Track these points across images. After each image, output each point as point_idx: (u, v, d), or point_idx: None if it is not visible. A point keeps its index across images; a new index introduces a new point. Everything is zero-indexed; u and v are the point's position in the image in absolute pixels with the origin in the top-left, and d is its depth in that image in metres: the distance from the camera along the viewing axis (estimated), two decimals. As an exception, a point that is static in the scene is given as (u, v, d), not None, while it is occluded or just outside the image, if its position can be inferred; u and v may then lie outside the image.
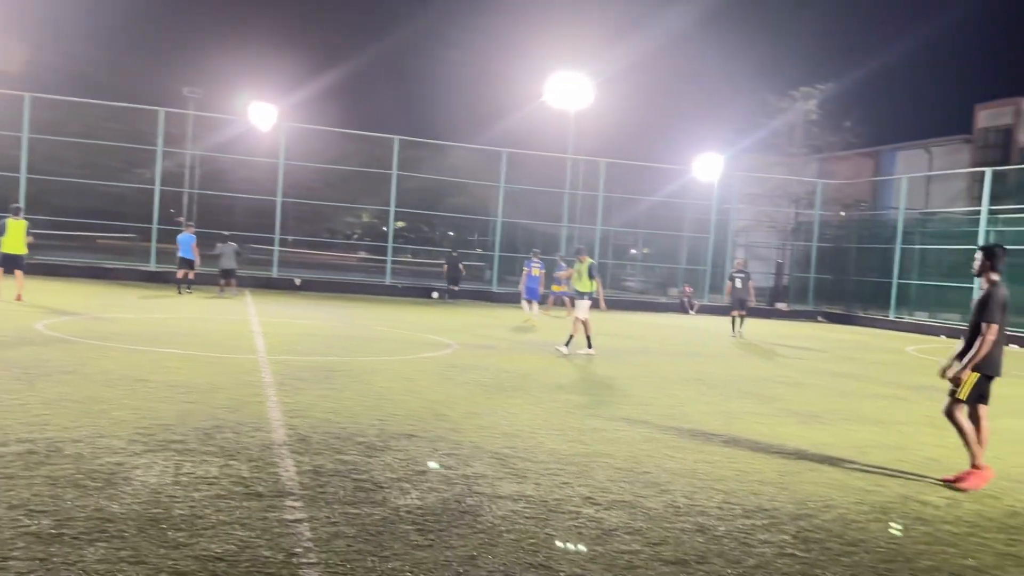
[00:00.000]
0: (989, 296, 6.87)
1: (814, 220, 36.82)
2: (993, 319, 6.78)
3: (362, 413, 8.02)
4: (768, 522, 5.49)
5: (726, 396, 10.96)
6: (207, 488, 5.29)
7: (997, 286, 6.93)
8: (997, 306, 6.82)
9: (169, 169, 35.69)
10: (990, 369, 6.88)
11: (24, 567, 3.91)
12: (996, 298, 6.84)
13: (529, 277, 22.10)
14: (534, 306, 21.91)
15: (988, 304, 6.83)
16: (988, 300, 6.86)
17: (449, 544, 4.66)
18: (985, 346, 6.76)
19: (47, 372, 8.98)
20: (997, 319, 6.79)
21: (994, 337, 6.77)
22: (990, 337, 6.76)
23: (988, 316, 6.80)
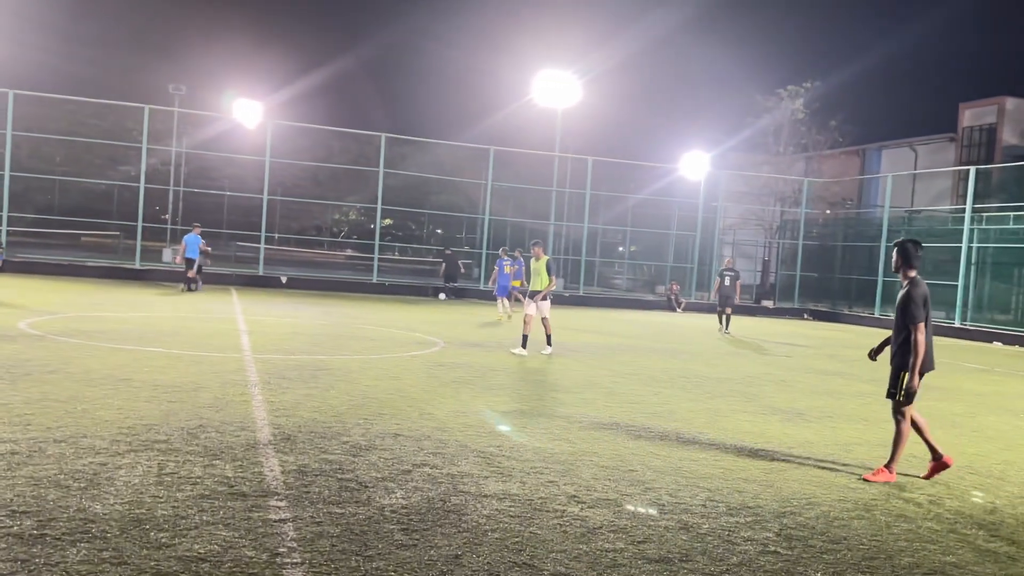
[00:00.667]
0: (909, 296, 6.82)
1: (800, 218, 37.01)
2: (916, 319, 6.73)
3: (347, 412, 8.01)
4: (752, 520, 5.52)
5: (712, 394, 11.00)
6: (191, 488, 5.28)
7: (915, 283, 6.87)
8: (919, 304, 6.78)
9: (154, 166, 35.50)
10: (926, 365, 6.86)
11: (6, 568, 3.89)
12: (916, 296, 6.78)
13: (501, 275, 22.32)
14: (506, 303, 22.06)
15: (909, 305, 6.79)
16: (908, 301, 6.80)
17: (434, 543, 4.66)
18: (919, 347, 6.71)
19: (29, 371, 8.92)
20: (921, 317, 6.74)
21: (923, 336, 6.72)
22: (920, 337, 6.71)
23: (912, 318, 6.75)
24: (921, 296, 6.81)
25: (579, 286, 34.84)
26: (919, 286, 6.86)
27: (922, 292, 6.84)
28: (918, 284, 6.88)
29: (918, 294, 6.80)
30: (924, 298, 6.83)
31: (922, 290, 6.85)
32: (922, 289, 6.86)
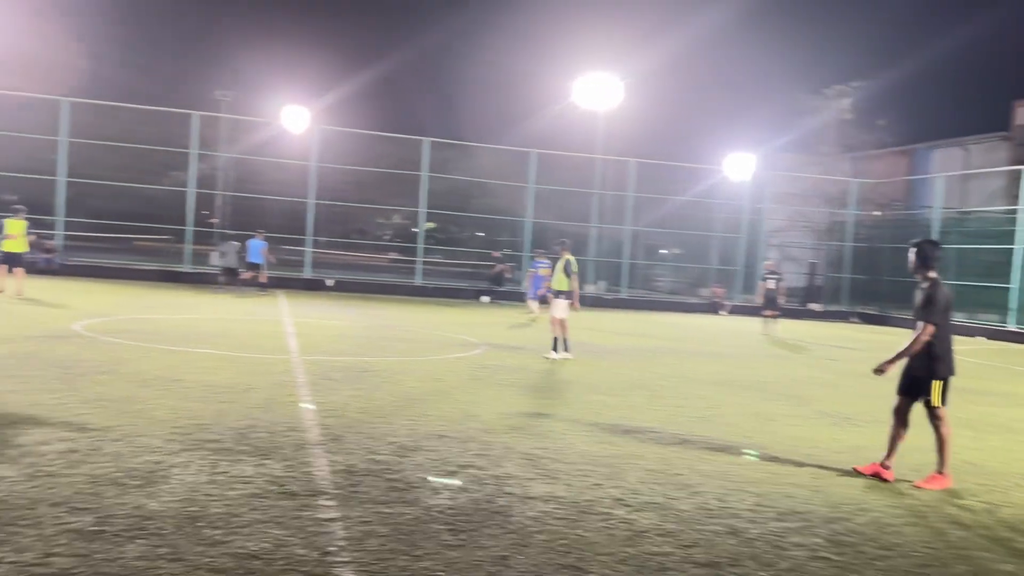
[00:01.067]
0: (931, 297, 6.69)
1: (848, 220, 36.43)
2: (932, 319, 6.59)
3: (393, 413, 8.08)
4: (801, 525, 5.46)
5: (758, 398, 10.89)
6: (242, 487, 5.37)
7: (937, 284, 6.74)
8: (939, 306, 6.63)
9: (203, 172, 36.13)
10: (949, 370, 6.74)
11: (67, 563, 4.00)
12: (938, 297, 6.65)
13: (535, 277, 22.25)
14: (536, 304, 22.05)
15: (932, 302, 6.66)
16: (929, 301, 6.67)
17: (480, 544, 4.69)
18: (917, 344, 6.62)
19: (85, 372, 9.15)
20: (935, 320, 6.60)
21: (928, 337, 6.60)
22: (923, 337, 6.61)
23: (928, 315, 6.62)
24: (943, 298, 6.68)
25: (621, 288, 34.69)
26: (942, 288, 6.74)
27: (944, 294, 6.72)
28: (940, 286, 6.76)
29: (941, 295, 6.69)
30: (946, 301, 6.72)
31: (944, 292, 6.73)
32: (944, 291, 6.74)
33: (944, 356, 6.71)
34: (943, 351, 6.70)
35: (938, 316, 6.62)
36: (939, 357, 6.69)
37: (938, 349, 6.67)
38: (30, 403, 7.35)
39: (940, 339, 6.67)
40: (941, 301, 6.65)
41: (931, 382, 6.72)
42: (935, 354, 6.66)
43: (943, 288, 6.74)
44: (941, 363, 6.69)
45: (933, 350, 6.66)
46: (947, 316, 6.74)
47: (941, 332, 6.66)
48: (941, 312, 6.65)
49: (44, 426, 6.55)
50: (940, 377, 6.69)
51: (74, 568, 3.95)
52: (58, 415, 6.97)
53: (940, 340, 6.67)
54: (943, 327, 6.68)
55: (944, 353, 6.71)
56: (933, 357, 6.67)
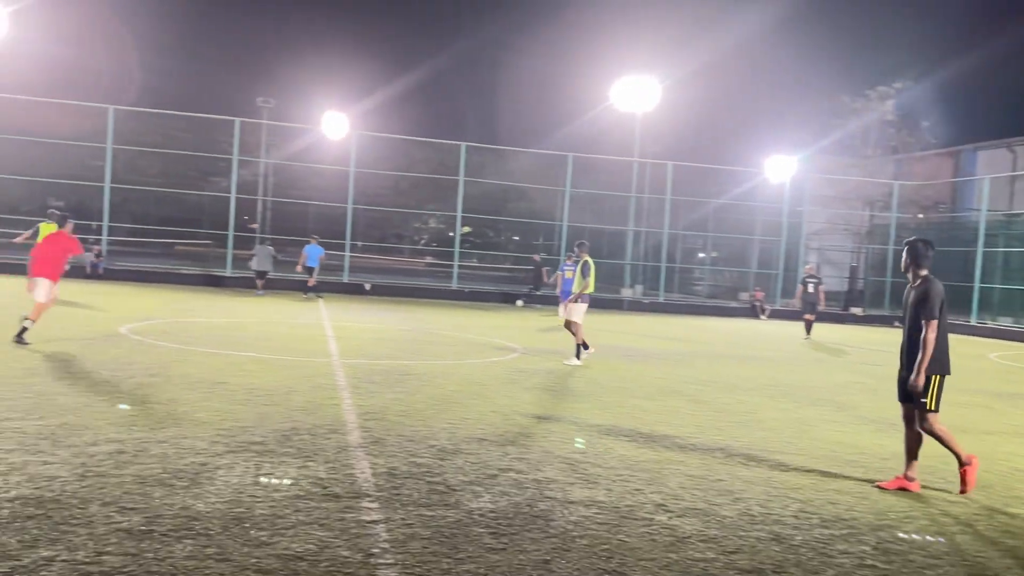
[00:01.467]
0: (925, 293, 6.55)
1: (891, 223, 35.86)
2: (933, 315, 6.47)
3: (433, 416, 8.12)
4: (847, 532, 5.38)
5: (800, 403, 10.76)
6: (286, 489, 5.44)
7: (931, 281, 6.62)
8: (935, 302, 6.49)
9: (243, 177, 36.63)
10: (944, 368, 6.58)
11: (118, 562, 4.08)
12: (932, 294, 6.51)
13: (564, 280, 21.95)
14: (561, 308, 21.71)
15: (925, 302, 6.51)
16: (924, 298, 6.53)
17: (522, 548, 4.69)
18: (929, 345, 6.45)
19: (132, 374, 9.32)
20: (936, 315, 6.48)
21: (934, 335, 6.45)
22: (931, 335, 6.44)
23: (928, 312, 6.48)
24: (938, 295, 6.53)
25: (659, 292, 34.49)
26: (935, 284, 6.59)
27: (938, 291, 6.55)
28: (934, 283, 6.61)
29: (935, 292, 6.53)
30: (941, 298, 6.55)
31: (938, 289, 6.57)
32: (938, 288, 6.58)
33: (939, 354, 6.53)
34: (938, 349, 6.52)
35: (936, 312, 6.49)
36: (942, 357, 6.54)
37: (939, 348, 6.51)
38: (79, 405, 7.51)
39: (941, 338, 6.52)
40: (936, 298, 6.51)
41: (929, 378, 6.56)
42: (937, 354, 6.49)
43: (937, 285, 6.61)
44: (936, 360, 6.51)
45: (937, 349, 6.49)
46: (943, 313, 6.58)
47: (940, 330, 6.52)
48: (938, 309, 6.52)
49: (93, 427, 6.69)
50: (936, 372, 6.53)
51: (125, 567, 4.03)
52: (106, 416, 7.11)
53: (940, 339, 6.52)
54: (941, 325, 6.53)
55: (939, 351, 6.52)
56: (937, 357, 6.50)
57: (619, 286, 36.47)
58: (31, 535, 4.32)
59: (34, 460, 5.64)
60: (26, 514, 4.61)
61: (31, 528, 4.42)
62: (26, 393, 7.84)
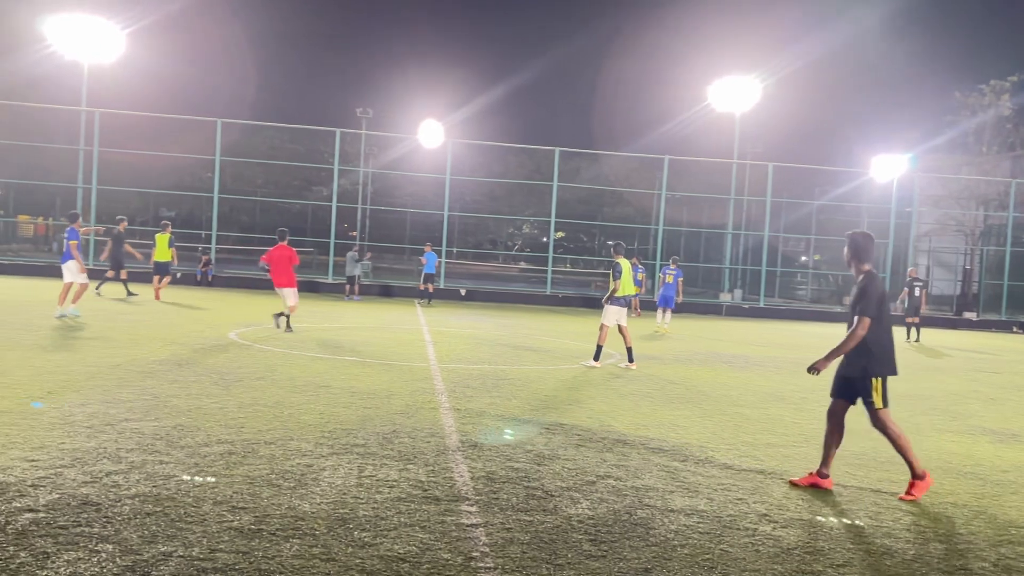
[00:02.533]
0: (863, 290, 6.26)
1: (1008, 223, 34.07)
2: (868, 312, 6.17)
3: (529, 421, 8.14)
4: (964, 548, 5.13)
5: (911, 411, 10.32)
6: (388, 491, 5.54)
7: (872, 277, 6.34)
8: (872, 299, 6.19)
9: (344, 187, 37.60)
10: (887, 369, 6.28)
11: (230, 559, 4.23)
12: (871, 290, 6.22)
13: (665, 285, 21.45)
14: (667, 315, 21.13)
15: (865, 295, 6.22)
16: (865, 291, 6.25)
17: (623, 556, 4.64)
18: (852, 339, 6.19)
19: (240, 378, 9.68)
20: (871, 312, 6.17)
21: (863, 331, 6.15)
22: (859, 331, 6.17)
23: (863, 308, 6.19)
24: (876, 291, 6.25)
25: (759, 297, 33.67)
26: (875, 280, 6.32)
27: (878, 288, 6.29)
28: (874, 279, 6.34)
29: (874, 288, 6.25)
30: (880, 294, 6.27)
31: (878, 285, 6.31)
32: (878, 284, 6.31)
33: (881, 353, 6.26)
34: (880, 348, 6.25)
35: (873, 309, 6.19)
36: (875, 354, 6.25)
37: (874, 346, 6.24)
38: (191, 407, 7.84)
39: (877, 334, 6.23)
40: (875, 294, 6.23)
41: (868, 381, 6.26)
42: (871, 351, 6.23)
43: (877, 281, 6.34)
44: (878, 360, 6.25)
45: (869, 347, 6.22)
46: (883, 310, 6.27)
47: (878, 327, 6.22)
48: (876, 305, 6.21)
49: (205, 428, 6.97)
50: (878, 375, 6.26)
51: (236, 564, 4.18)
52: (217, 418, 7.40)
53: (877, 336, 6.24)
54: (879, 322, 6.23)
55: (881, 350, 6.26)
56: (869, 354, 6.24)
57: (718, 291, 35.80)
58: (150, 531, 4.53)
59: (151, 459, 5.92)
60: (145, 511, 4.84)
61: (150, 524, 4.63)
62: (143, 395, 8.24)
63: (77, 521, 4.60)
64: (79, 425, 6.80)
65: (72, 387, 8.42)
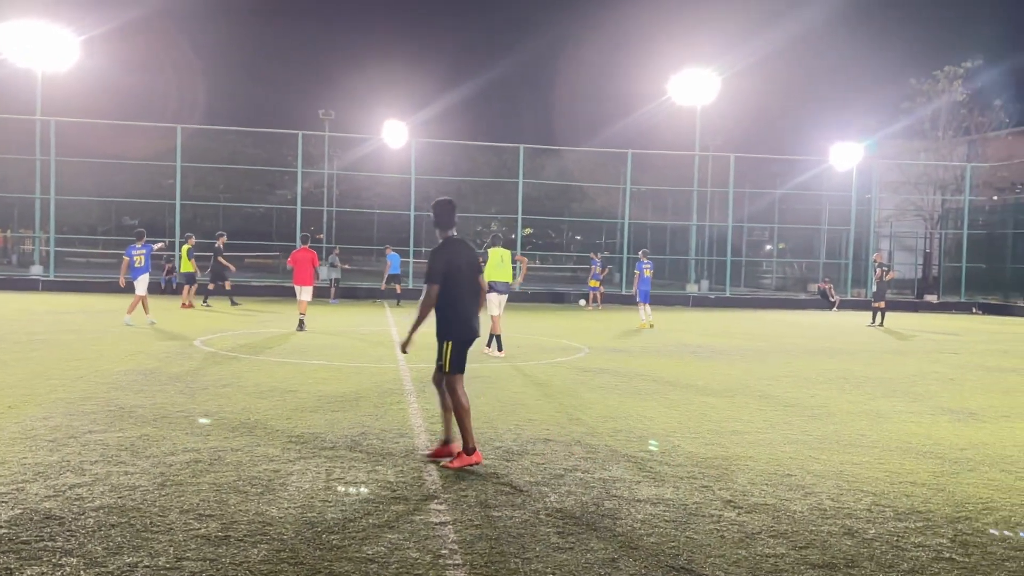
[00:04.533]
0: (432, 256, 6.46)
1: (964, 206, 34.72)
2: (430, 279, 6.35)
3: (499, 418, 8.18)
4: (922, 525, 5.26)
5: (873, 395, 10.52)
6: (356, 493, 5.55)
7: (440, 245, 6.51)
8: (439, 267, 6.35)
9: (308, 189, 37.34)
10: (461, 334, 6.47)
11: (197, 567, 4.23)
12: (438, 258, 6.39)
13: (642, 279, 21.07)
14: (647, 308, 20.88)
15: (432, 264, 6.41)
16: (432, 260, 6.45)
17: (590, 547, 4.70)
18: (421, 308, 6.38)
19: (206, 386, 9.61)
20: (438, 280, 6.34)
21: (430, 299, 6.34)
22: (426, 300, 6.36)
23: (428, 276, 6.39)
24: (443, 260, 6.39)
25: (725, 287, 34.01)
26: (444, 249, 6.46)
27: (442, 256, 6.41)
28: (441, 247, 6.48)
29: (438, 256, 6.41)
30: (447, 262, 6.39)
31: (446, 254, 6.43)
32: (443, 253, 6.43)
33: (454, 319, 6.45)
34: (454, 313, 6.44)
35: (438, 278, 6.35)
36: (448, 319, 6.44)
37: (448, 311, 6.43)
38: (157, 416, 7.78)
39: (448, 301, 6.41)
40: (440, 262, 6.38)
41: (441, 344, 6.47)
42: (446, 316, 6.44)
43: (446, 249, 6.46)
44: (451, 325, 6.45)
45: (444, 312, 6.43)
46: (455, 278, 6.42)
47: (449, 294, 6.39)
48: (441, 274, 6.36)
49: (171, 437, 6.92)
50: (448, 339, 6.45)
51: (203, 571, 4.17)
52: (183, 427, 7.36)
53: (448, 303, 6.41)
54: (450, 289, 6.39)
55: (454, 316, 6.45)
56: (443, 320, 6.45)
57: (684, 282, 36.10)
58: (115, 542, 4.51)
59: (116, 470, 5.87)
60: (110, 522, 4.81)
61: (115, 536, 4.60)
62: (107, 407, 8.16)
63: (40, 536, 4.56)
64: (41, 439, 6.72)
65: (33, 400, 8.32)
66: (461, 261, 6.49)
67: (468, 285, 6.53)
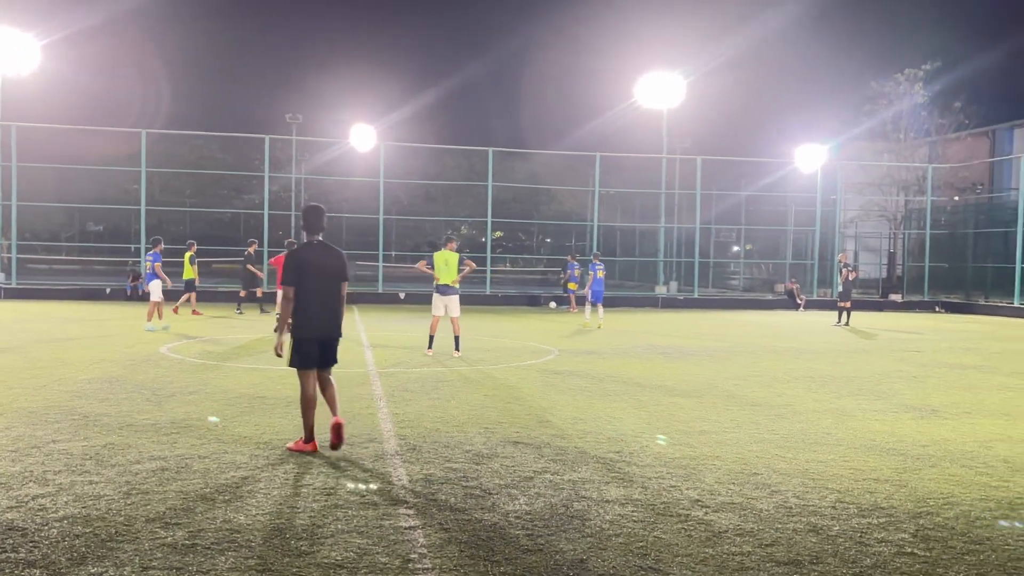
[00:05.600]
0: (286, 259, 6.97)
1: (926, 207, 35.31)
2: (287, 281, 6.83)
3: (469, 422, 8.19)
4: (885, 521, 5.35)
5: (838, 393, 10.66)
6: (325, 499, 5.53)
7: (295, 249, 7.02)
8: (288, 268, 6.83)
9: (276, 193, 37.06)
10: (301, 331, 6.86)
11: (163, 575, 4.19)
12: (288, 261, 6.88)
13: (595, 280, 21.72)
14: (600, 309, 21.44)
15: (287, 266, 6.89)
16: (285, 262, 6.95)
17: (559, 548, 4.73)
18: (282, 310, 6.94)
19: (173, 393, 9.52)
20: (291, 281, 6.81)
21: (287, 300, 6.82)
22: (283, 302, 6.91)
23: (284, 278, 6.89)
24: (292, 261, 6.87)
25: (693, 289, 34.28)
26: (293, 253, 6.95)
27: (293, 259, 6.88)
28: (295, 251, 6.98)
29: (290, 260, 6.90)
30: (298, 264, 6.85)
31: (293, 257, 6.90)
32: (294, 257, 6.90)
33: (300, 317, 6.86)
34: (301, 312, 6.84)
35: (291, 279, 6.82)
36: (296, 318, 6.87)
37: (297, 310, 6.85)
38: (123, 425, 7.69)
39: (299, 300, 6.84)
40: (291, 265, 6.84)
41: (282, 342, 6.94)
42: (295, 315, 6.88)
43: (300, 253, 6.92)
44: (297, 323, 6.88)
45: (295, 311, 6.87)
46: (305, 279, 6.84)
47: (297, 295, 6.82)
48: (293, 275, 6.81)
49: (137, 446, 6.85)
50: (294, 336, 6.88)
51: (170, 580, 4.14)
52: (149, 435, 7.28)
53: (300, 302, 6.84)
54: (303, 289, 6.82)
55: (300, 314, 6.85)
56: (295, 318, 6.89)
57: (653, 284, 36.33)
58: (79, 553, 4.46)
59: (80, 480, 5.80)
60: (74, 532, 4.75)
61: (79, 546, 4.55)
62: (72, 415, 8.05)
63: (2, 547, 4.50)
64: (3, 449, 6.62)
65: (-4, 411, 8.18)
66: (314, 265, 6.89)
67: (318, 287, 6.91)
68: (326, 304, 6.94)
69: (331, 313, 6.98)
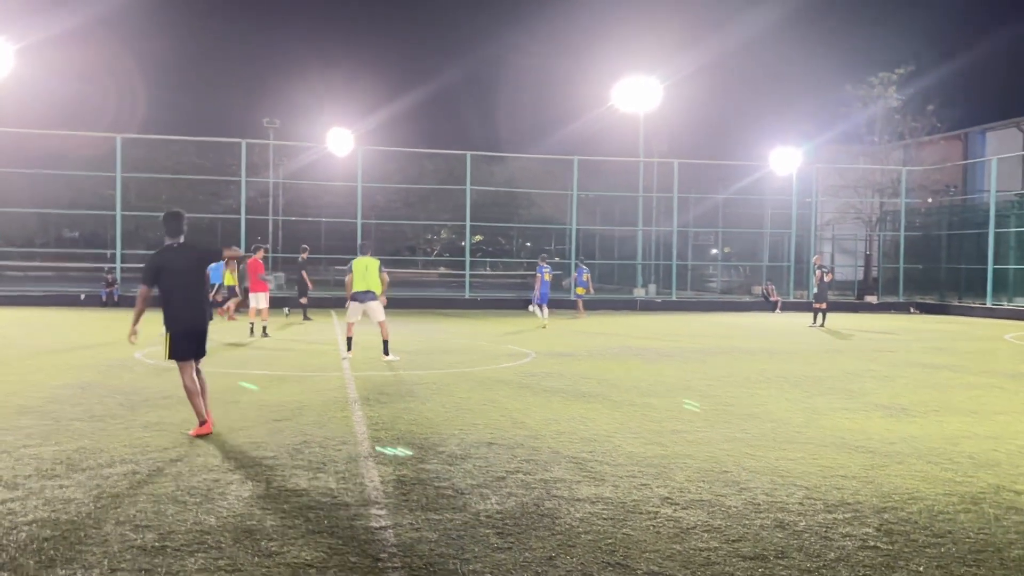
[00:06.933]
0: (146, 260, 7.77)
1: (900, 209, 35.72)
2: (144, 280, 7.55)
3: (443, 424, 8.22)
4: (850, 516, 5.43)
5: (810, 393, 10.79)
6: (296, 500, 5.55)
7: (160, 250, 7.66)
8: (148, 270, 7.53)
9: (253, 198, 36.90)
10: (172, 326, 7.56)
11: (131, 577, 4.19)
12: (149, 261, 7.63)
13: (543, 283, 22.42)
14: (545, 310, 22.14)
15: (144, 267, 7.64)
16: (145, 263, 7.71)
17: (528, 546, 4.77)
18: (137, 306, 7.58)
19: (146, 398, 9.48)
20: (147, 281, 7.52)
21: (140, 298, 7.55)
22: (138, 299, 7.58)
23: (142, 277, 7.64)
24: (151, 264, 7.57)
25: (672, 291, 34.47)
26: (153, 256, 7.68)
27: (150, 262, 7.61)
28: (159, 252, 7.64)
29: (150, 261, 7.63)
30: (155, 265, 7.52)
31: (151, 260, 7.62)
32: (151, 259, 7.63)
33: (169, 314, 7.57)
34: (169, 309, 7.57)
35: (146, 279, 7.54)
36: (166, 314, 7.58)
37: (166, 307, 7.57)
38: (95, 429, 7.66)
39: (164, 299, 7.57)
40: (149, 265, 7.56)
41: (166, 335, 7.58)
42: (164, 312, 7.58)
43: (158, 256, 7.61)
44: (167, 319, 7.57)
45: (163, 309, 7.59)
46: (168, 280, 7.51)
47: (163, 293, 7.54)
48: (149, 275, 7.52)
49: (108, 450, 6.83)
50: (166, 330, 7.58)
51: (139, 582, 4.14)
52: (121, 439, 7.26)
53: (164, 300, 7.57)
54: (164, 289, 7.52)
55: (169, 311, 7.56)
56: (164, 315, 7.58)
57: (632, 287, 36.50)
58: (47, 556, 4.45)
59: (51, 484, 5.78)
60: (43, 536, 4.74)
61: (48, 549, 4.54)
62: (43, 420, 8.01)
63: (-31, 551, 4.48)
64: (-27, 455, 6.57)
65: (-34, 417, 8.11)
66: (174, 265, 7.54)
67: (178, 284, 7.56)
68: (189, 299, 7.63)
69: (195, 307, 7.68)
